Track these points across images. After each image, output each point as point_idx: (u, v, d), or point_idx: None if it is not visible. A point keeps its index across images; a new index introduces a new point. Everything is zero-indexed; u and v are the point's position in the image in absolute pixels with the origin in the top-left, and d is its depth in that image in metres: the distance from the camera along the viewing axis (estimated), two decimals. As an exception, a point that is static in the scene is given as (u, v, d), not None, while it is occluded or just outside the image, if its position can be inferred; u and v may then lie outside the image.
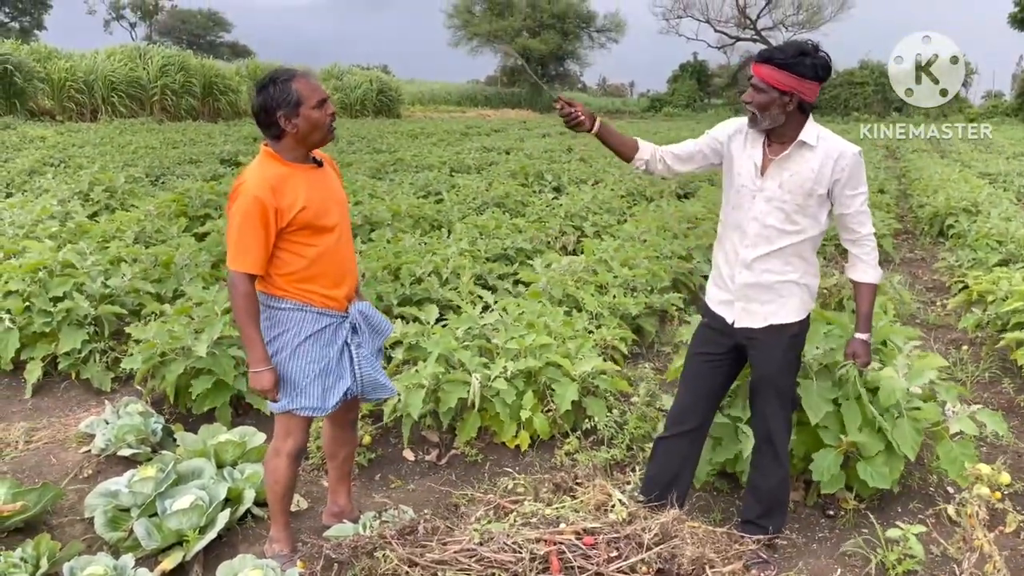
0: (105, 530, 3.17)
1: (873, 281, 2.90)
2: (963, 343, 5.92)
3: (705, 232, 7.84)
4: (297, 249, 2.75)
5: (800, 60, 2.71)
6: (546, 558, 2.54)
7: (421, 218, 8.58)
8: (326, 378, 2.85)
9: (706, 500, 3.63)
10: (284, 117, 2.69)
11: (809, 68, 2.72)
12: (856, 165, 2.81)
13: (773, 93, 2.76)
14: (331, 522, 3.27)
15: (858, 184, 2.84)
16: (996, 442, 4.23)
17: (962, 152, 21.80)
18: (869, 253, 2.89)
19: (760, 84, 2.77)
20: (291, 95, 2.68)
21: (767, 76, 2.75)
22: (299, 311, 2.79)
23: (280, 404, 2.83)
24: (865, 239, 2.89)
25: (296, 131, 2.72)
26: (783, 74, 2.73)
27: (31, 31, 58.05)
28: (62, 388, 4.88)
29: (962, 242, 8.64)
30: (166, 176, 12.48)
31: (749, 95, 2.82)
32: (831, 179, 2.81)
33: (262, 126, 2.76)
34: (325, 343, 2.84)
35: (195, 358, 4.17)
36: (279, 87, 2.69)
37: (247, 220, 2.64)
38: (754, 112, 2.82)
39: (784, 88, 2.74)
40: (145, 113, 30.27)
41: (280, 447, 2.92)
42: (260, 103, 2.71)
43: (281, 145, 2.76)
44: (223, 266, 6.18)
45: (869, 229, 2.88)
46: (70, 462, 3.92)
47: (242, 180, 2.70)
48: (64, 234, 6.88)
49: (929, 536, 3.21)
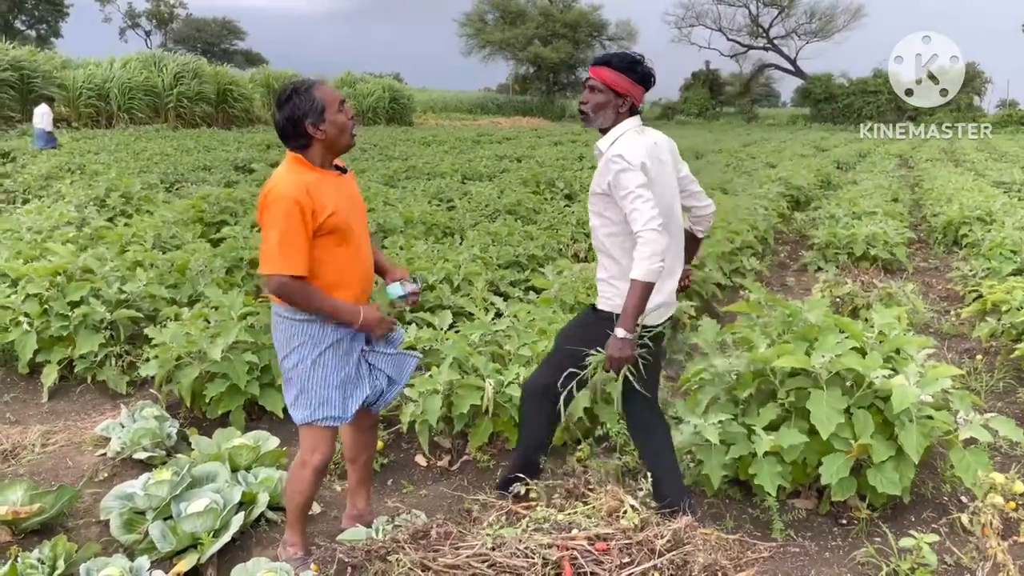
0: (121, 532, 3.20)
1: (638, 278, 2.82)
2: (977, 353, 5.89)
3: (717, 241, 7.83)
4: (323, 256, 2.76)
5: (634, 66, 2.98)
6: (558, 564, 2.55)
7: (433, 225, 8.61)
8: (345, 387, 2.88)
9: (718, 508, 3.63)
10: (312, 125, 2.74)
11: (640, 75, 2.99)
12: (613, 169, 2.92)
13: (610, 94, 2.99)
14: (350, 525, 3.30)
15: (617, 187, 2.92)
16: (1010, 452, 4.21)
17: (976, 161, 21.69)
18: (639, 249, 2.84)
19: (599, 85, 2.99)
20: (316, 102, 2.73)
21: (606, 78, 2.97)
22: (317, 323, 2.81)
23: (303, 415, 2.85)
24: (637, 235, 2.88)
25: (325, 137, 2.76)
26: (621, 77, 2.97)
27: (48, 39, 58.69)
28: (78, 392, 4.93)
29: (976, 251, 8.59)
30: (181, 182, 12.57)
31: (586, 96, 3.04)
32: (605, 179, 2.97)
33: (289, 138, 2.78)
34: (344, 352, 2.87)
35: (210, 362, 4.21)
36: (303, 96, 2.73)
37: (289, 222, 2.65)
38: (588, 112, 3.04)
39: (621, 90, 2.98)
40: (160, 120, 30.55)
41: (308, 460, 2.92)
42: (287, 115, 2.73)
43: (309, 154, 2.79)
44: (237, 271, 6.23)
45: (639, 226, 2.85)
46: (86, 465, 3.96)
47: (272, 186, 2.72)
48: (81, 239, 6.95)
49: (942, 545, 3.19)
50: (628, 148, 2.94)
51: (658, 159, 3.06)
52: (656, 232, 2.81)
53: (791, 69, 62.29)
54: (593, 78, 3.02)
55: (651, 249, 2.79)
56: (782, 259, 9.52)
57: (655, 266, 2.80)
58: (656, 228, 2.82)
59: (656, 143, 3.11)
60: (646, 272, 2.80)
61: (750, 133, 39.87)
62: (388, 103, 40.85)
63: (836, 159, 21.49)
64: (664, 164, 3.11)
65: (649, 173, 2.94)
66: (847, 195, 12.29)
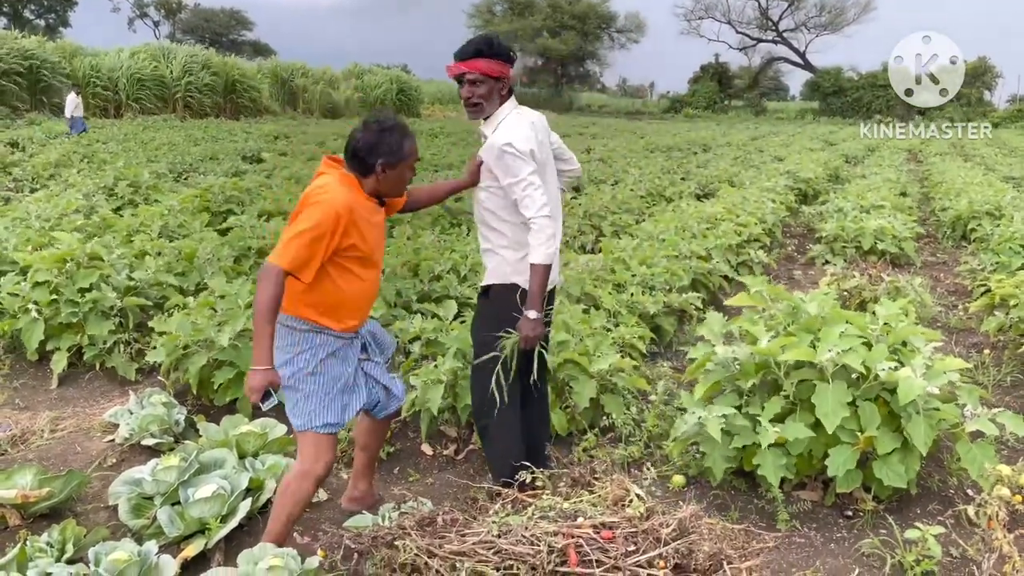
0: (129, 517, 3.22)
1: (538, 262, 2.99)
2: (985, 347, 5.87)
3: (725, 232, 7.82)
4: (345, 276, 2.80)
5: (500, 48, 3.08)
6: (564, 551, 2.56)
7: (440, 215, 8.62)
8: (344, 394, 2.91)
9: (723, 498, 3.63)
10: (382, 166, 2.78)
11: (506, 54, 3.09)
12: (503, 157, 3.02)
13: (490, 82, 3.09)
14: (350, 506, 3.35)
15: (506, 174, 3.04)
16: (1017, 445, 4.20)
17: (985, 156, 21.58)
18: (535, 235, 3.01)
19: (478, 77, 3.07)
20: (401, 151, 2.80)
21: (482, 68, 3.06)
22: (319, 332, 2.83)
23: (302, 422, 2.85)
24: (530, 222, 3.02)
25: (383, 181, 2.82)
26: (495, 63, 3.06)
27: (56, 28, 58.78)
28: (87, 378, 4.95)
29: (985, 246, 8.56)
30: (189, 172, 12.61)
31: (468, 90, 3.10)
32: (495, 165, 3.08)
33: (353, 159, 2.81)
34: (343, 360, 2.90)
35: (218, 350, 4.23)
36: (395, 139, 2.79)
37: (320, 228, 2.66)
38: (480, 103, 3.11)
39: (496, 74, 3.08)
40: (168, 110, 30.62)
41: (310, 470, 2.87)
42: (370, 143, 2.77)
43: (362, 181, 2.83)
44: (245, 260, 6.25)
45: (532, 213, 3.00)
46: (94, 450, 3.98)
47: (323, 189, 2.73)
48: (89, 228, 6.98)
49: (948, 537, 3.19)
50: (517, 136, 3.05)
51: (542, 142, 3.19)
52: (548, 218, 3.01)
53: (800, 62, 61.98)
54: (470, 71, 3.08)
55: (547, 234, 3.00)
56: (790, 252, 9.49)
57: (551, 249, 3.01)
58: (547, 214, 3.01)
59: (533, 123, 3.21)
60: (545, 256, 3.00)
61: (758, 126, 39.77)
62: (396, 94, 40.86)
63: (844, 153, 21.39)
64: (545, 147, 3.24)
65: (536, 158, 3.08)
66: (855, 189, 12.24)
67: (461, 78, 3.12)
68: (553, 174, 3.35)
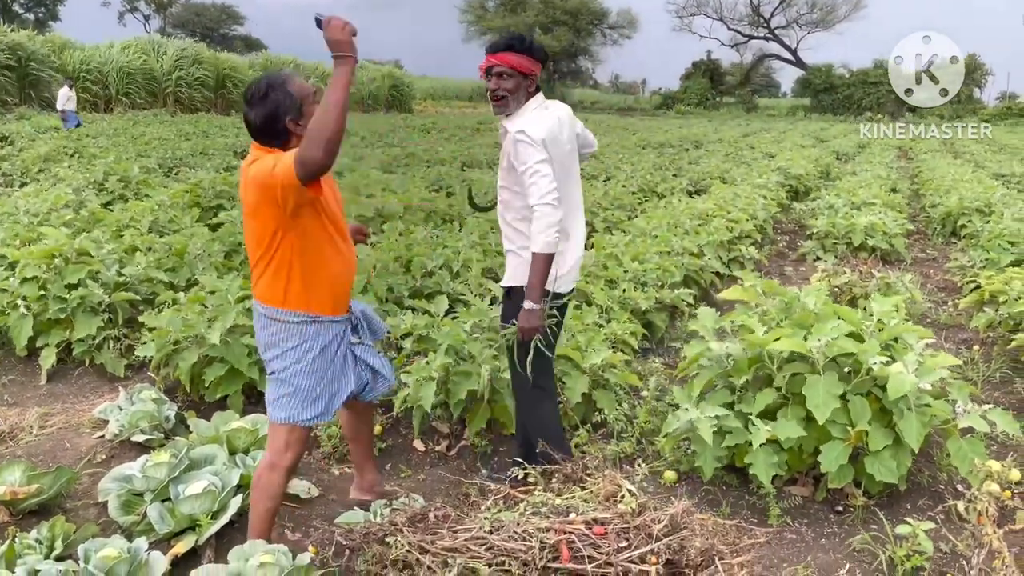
0: (119, 514, 3.20)
1: (537, 251, 2.97)
2: (974, 343, 5.90)
3: (716, 228, 7.83)
4: (326, 244, 2.74)
5: (532, 46, 3.10)
6: (556, 547, 2.55)
7: (432, 211, 8.60)
8: (333, 385, 2.88)
9: (715, 494, 3.64)
10: (292, 121, 2.67)
11: (539, 52, 3.12)
12: (515, 144, 3.04)
13: (518, 77, 3.10)
14: (360, 496, 3.33)
15: (518, 162, 3.05)
16: (1007, 441, 4.22)
17: (975, 153, 21.67)
18: (535, 222, 2.98)
19: (507, 71, 3.09)
20: (294, 98, 2.66)
21: (511, 62, 3.07)
22: (313, 323, 2.79)
23: (285, 415, 2.82)
24: (533, 209, 3.00)
25: (304, 132, 2.57)
26: (523, 58, 3.08)
27: (46, 22, 58.40)
28: (76, 374, 4.92)
29: (975, 242, 8.60)
30: (179, 167, 12.55)
31: (495, 83, 3.12)
32: (510, 154, 3.09)
33: (266, 135, 2.67)
34: (335, 351, 2.88)
35: (209, 346, 4.21)
36: (280, 92, 2.65)
37: None
38: (505, 96, 3.12)
39: (525, 70, 3.09)
40: (159, 105, 30.47)
41: (277, 461, 2.86)
42: (266, 113, 2.64)
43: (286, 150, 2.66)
44: (236, 256, 6.22)
45: (535, 200, 2.98)
46: (84, 447, 3.96)
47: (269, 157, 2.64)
48: (78, 222, 6.94)
49: (938, 533, 3.20)
50: (531, 125, 3.05)
51: (558, 138, 3.15)
52: (551, 206, 2.96)
53: (792, 59, 62.10)
54: (499, 64, 3.10)
55: (547, 221, 2.95)
56: (781, 248, 9.51)
57: (551, 238, 2.96)
58: (551, 202, 2.97)
59: (559, 118, 3.21)
60: (543, 244, 2.96)
61: (750, 123, 39.81)
62: (388, 90, 40.78)
63: (835, 150, 21.46)
64: (563, 143, 3.20)
65: (549, 149, 3.05)
66: (846, 185, 12.27)
67: (490, 71, 3.13)
68: (575, 173, 3.32)
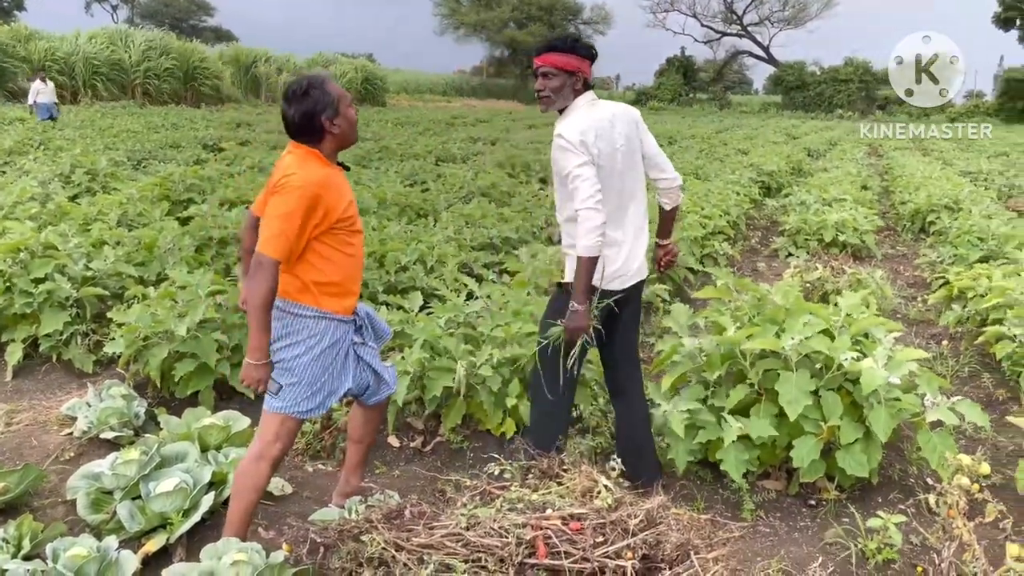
0: (88, 512, 3.15)
1: (580, 254, 2.99)
2: (943, 338, 5.99)
3: (690, 224, 7.87)
4: (340, 248, 2.79)
5: (576, 44, 3.11)
6: (532, 543, 2.55)
7: (407, 206, 8.56)
8: (332, 382, 2.88)
9: (689, 489, 3.66)
10: (328, 120, 2.75)
11: (585, 49, 3.11)
12: (555, 148, 3.07)
13: (563, 76, 3.11)
14: (342, 503, 3.29)
15: (559, 168, 3.08)
16: (975, 435, 4.28)
17: (944, 150, 21.99)
18: (578, 227, 2.99)
19: (551, 71, 3.11)
20: (332, 97, 2.75)
21: (555, 62, 3.09)
22: (324, 319, 2.81)
23: (281, 405, 2.81)
24: (577, 214, 3.00)
25: (339, 131, 2.78)
26: (567, 57, 3.08)
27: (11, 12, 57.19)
28: (43, 371, 4.83)
29: (943, 239, 8.72)
30: (148, 160, 12.36)
31: (541, 83, 3.15)
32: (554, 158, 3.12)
33: (301, 132, 2.77)
34: (339, 349, 2.89)
35: (179, 341, 4.15)
36: (320, 91, 2.74)
37: (298, 210, 2.63)
38: (549, 95, 3.15)
39: (571, 68, 3.09)
40: (127, 97, 29.96)
41: (265, 452, 2.84)
42: (304, 110, 2.73)
43: (321, 148, 2.79)
44: (207, 250, 6.14)
45: (577, 204, 2.99)
46: (52, 444, 3.89)
47: (293, 173, 2.68)
48: (45, 216, 6.80)
49: (909, 526, 3.24)
50: (570, 126, 3.05)
51: (601, 134, 3.11)
52: (593, 210, 2.95)
53: (764, 56, 62.62)
54: (543, 65, 3.12)
55: (587, 226, 2.94)
56: (753, 245, 9.59)
57: (592, 242, 2.95)
58: (593, 206, 2.96)
59: (613, 115, 3.20)
60: (585, 248, 2.96)
61: (723, 119, 40.05)
62: (361, 83, 40.43)
63: (807, 147, 21.66)
64: (612, 141, 3.16)
65: (590, 149, 3.04)
66: (817, 182, 12.40)
67: (536, 73, 3.16)
68: (631, 171, 3.27)
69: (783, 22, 61.90)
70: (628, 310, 3.36)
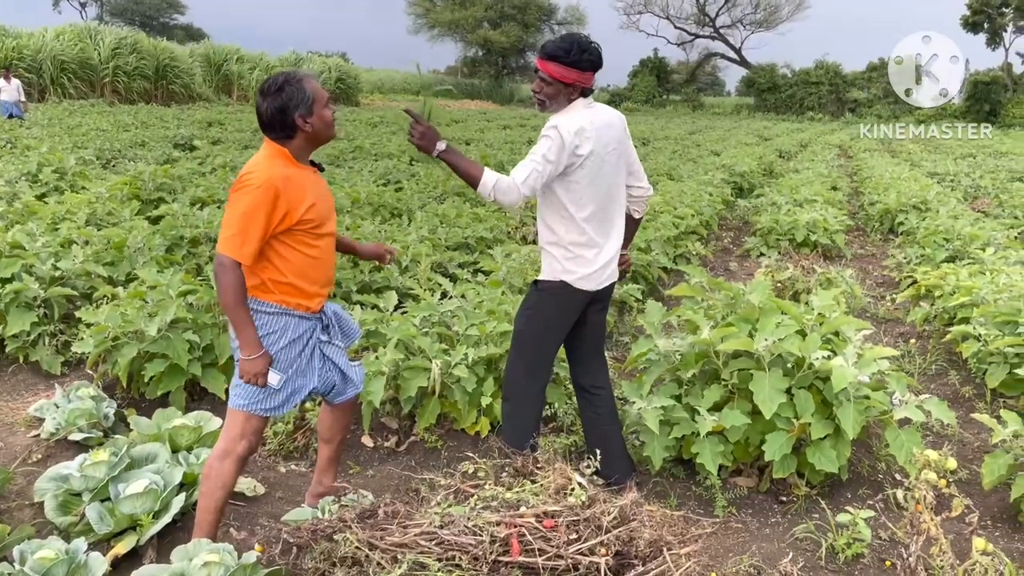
0: (56, 514, 3.10)
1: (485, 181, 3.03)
2: (911, 337, 6.08)
3: (663, 224, 7.92)
4: (299, 249, 2.77)
5: (581, 57, 3.09)
6: (506, 541, 2.55)
7: (381, 206, 8.52)
8: (296, 380, 2.86)
9: (663, 486, 3.68)
10: (301, 117, 2.73)
11: (587, 63, 3.11)
12: (543, 135, 3.11)
13: (559, 85, 3.14)
14: (314, 504, 3.26)
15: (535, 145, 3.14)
16: (942, 431, 4.35)
17: (912, 152, 22.33)
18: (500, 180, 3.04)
19: (547, 78, 3.14)
20: (307, 95, 2.73)
21: (553, 72, 3.11)
22: (284, 315, 2.79)
23: (243, 402, 2.80)
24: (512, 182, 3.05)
25: (311, 130, 2.76)
26: (567, 70, 3.10)
27: (-25, 8, 56.08)
28: (10, 372, 4.75)
29: (911, 239, 8.86)
30: (118, 159, 12.19)
31: (538, 86, 3.19)
32: None
33: (273, 128, 2.75)
34: (303, 346, 2.86)
35: (148, 341, 4.10)
36: (295, 88, 2.72)
37: (256, 209, 2.62)
38: (544, 99, 3.19)
39: (568, 81, 3.12)
40: (96, 95, 29.47)
41: (230, 449, 2.83)
42: (277, 105, 2.71)
43: (291, 145, 2.78)
44: (178, 250, 6.08)
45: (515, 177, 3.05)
46: (18, 446, 3.82)
47: (251, 171, 2.68)
48: (11, 215, 6.69)
49: (878, 521, 3.29)
50: (565, 121, 3.09)
51: (596, 135, 3.15)
52: (518, 191, 3.01)
53: (736, 59, 63.09)
54: (542, 71, 3.14)
55: (506, 197, 3.02)
56: (726, 244, 9.67)
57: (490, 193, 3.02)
58: (521, 191, 3.02)
59: (609, 119, 3.24)
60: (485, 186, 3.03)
61: (696, 121, 40.33)
62: (334, 83, 40.15)
63: (778, 148, 21.89)
64: (607, 142, 3.20)
65: (578, 150, 3.08)
66: (789, 183, 12.54)
67: (536, 71, 3.19)
68: (616, 176, 3.30)
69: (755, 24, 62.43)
70: (596, 308, 3.41)
